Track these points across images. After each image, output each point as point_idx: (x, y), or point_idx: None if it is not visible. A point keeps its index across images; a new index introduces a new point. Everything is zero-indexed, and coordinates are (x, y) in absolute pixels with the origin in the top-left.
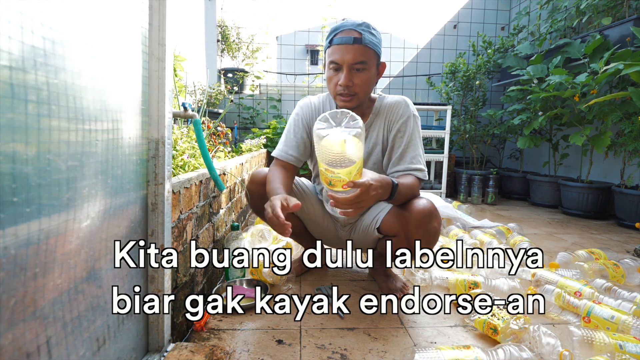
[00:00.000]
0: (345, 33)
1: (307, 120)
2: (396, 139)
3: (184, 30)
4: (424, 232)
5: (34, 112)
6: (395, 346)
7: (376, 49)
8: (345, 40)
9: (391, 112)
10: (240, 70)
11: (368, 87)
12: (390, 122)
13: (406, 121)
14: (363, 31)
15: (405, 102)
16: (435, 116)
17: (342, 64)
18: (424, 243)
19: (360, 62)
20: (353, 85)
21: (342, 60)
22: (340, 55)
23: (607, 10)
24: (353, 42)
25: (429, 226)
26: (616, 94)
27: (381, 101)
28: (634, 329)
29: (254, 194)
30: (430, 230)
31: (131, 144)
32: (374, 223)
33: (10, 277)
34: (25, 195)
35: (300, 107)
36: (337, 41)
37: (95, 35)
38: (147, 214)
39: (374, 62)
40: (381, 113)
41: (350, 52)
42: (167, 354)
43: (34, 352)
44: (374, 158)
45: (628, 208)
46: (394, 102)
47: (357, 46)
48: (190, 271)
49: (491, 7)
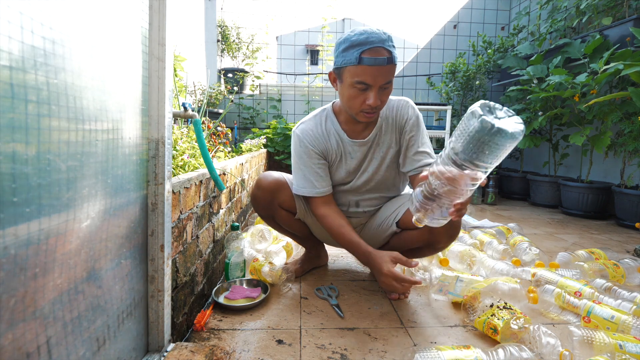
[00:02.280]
0: (375, 52)
1: (316, 147)
2: (411, 140)
3: (184, 30)
4: (449, 225)
5: (34, 112)
6: (395, 346)
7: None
8: (379, 62)
9: (398, 114)
10: (240, 70)
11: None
12: (399, 125)
13: (415, 121)
14: (391, 48)
15: (410, 104)
16: (435, 116)
17: (373, 85)
18: (447, 236)
19: (389, 82)
20: (382, 103)
21: (374, 82)
22: (373, 77)
23: (607, 10)
24: (387, 63)
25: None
26: (616, 94)
27: (386, 105)
28: (634, 329)
29: (260, 201)
30: (455, 223)
31: (131, 144)
32: (393, 217)
33: (10, 277)
34: (25, 195)
35: (302, 139)
36: (368, 62)
37: (95, 35)
38: (147, 214)
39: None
40: (388, 116)
41: (383, 73)
42: (167, 354)
43: (34, 352)
44: (388, 161)
45: (628, 208)
46: (398, 104)
47: (390, 67)
48: (190, 271)
49: (491, 7)
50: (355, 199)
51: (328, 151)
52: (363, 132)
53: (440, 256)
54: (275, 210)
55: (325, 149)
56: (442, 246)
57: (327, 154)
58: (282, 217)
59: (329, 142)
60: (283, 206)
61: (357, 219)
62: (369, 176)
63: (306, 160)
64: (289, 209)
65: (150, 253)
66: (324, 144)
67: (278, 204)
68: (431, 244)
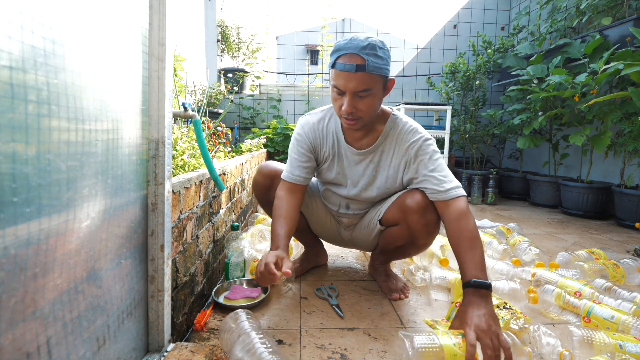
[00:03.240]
0: (347, 58)
1: (310, 139)
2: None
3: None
4: (425, 221)
5: (34, 112)
6: (395, 346)
7: (382, 72)
8: (347, 68)
9: (402, 139)
10: (240, 70)
11: (373, 110)
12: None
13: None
14: (367, 56)
15: (417, 130)
16: (435, 116)
17: (345, 90)
18: (425, 232)
19: (364, 90)
20: (357, 110)
21: (345, 87)
22: (343, 83)
23: (607, 10)
24: (356, 70)
25: (431, 216)
26: (616, 94)
27: (393, 122)
28: (634, 329)
29: (260, 186)
30: (431, 220)
31: (131, 144)
32: (377, 216)
33: (10, 277)
34: (25, 195)
35: (302, 126)
36: (339, 67)
37: (96, 35)
38: (147, 214)
39: (380, 85)
40: (391, 136)
41: (352, 80)
42: (167, 354)
43: (34, 352)
44: (379, 182)
45: (628, 208)
46: (408, 130)
47: (360, 74)
48: (190, 271)
49: (491, 7)
50: (345, 202)
51: (320, 148)
52: (361, 141)
53: (441, 256)
54: (273, 195)
55: (319, 145)
56: (422, 242)
57: (318, 151)
58: None
59: (324, 140)
60: None
61: (347, 219)
62: (361, 189)
63: (296, 147)
64: None
65: (150, 253)
66: (319, 140)
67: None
68: (412, 241)
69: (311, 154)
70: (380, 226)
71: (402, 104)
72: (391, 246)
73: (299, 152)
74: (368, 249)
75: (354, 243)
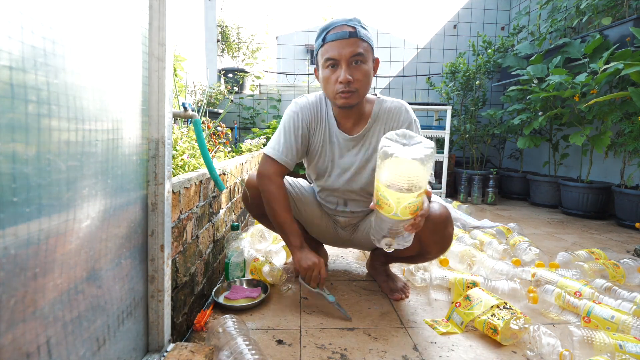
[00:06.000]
0: (338, 29)
1: (307, 120)
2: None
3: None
4: (439, 238)
5: (34, 112)
6: (395, 346)
7: (370, 42)
8: (340, 35)
9: (391, 118)
10: (240, 70)
11: (368, 82)
12: (391, 129)
13: (409, 127)
14: (356, 25)
15: (405, 107)
16: (435, 116)
17: (339, 59)
18: (438, 249)
19: (358, 54)
20: (354, 80)
21: (339, 55)
22: (337, 51)
23: (607, 10)
24: (349, 36)
25: (445, 232)
26: (616, 94)
27: (380, 104)
28: (634, 329)
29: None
30: (446, 236)
31: (131, 144)
32: None
33: (10, 277)
34: (25, 195)
35: (299, 105)
36: (331, 37)
37: (96, 35)
38: (147, 214)
39: (370, 55)
40: (380, 118)
41: (347, 46)
42: (167, 354)
43: (34, 352)
44: (373, 164)
45: (628, 208)
46: (395, 108)
47: (353, 39)
48: (190, 271)
49: (491, 7)
50: (343, 197)
51: (314, 132)
52: (353, 128)
53: (440, 257)
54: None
55: (313, 128)
56: (432, 257)
57: (313, 132)
58: None
59: (318, 124)
60: None
61: (344, 218)
62: (351, 176)
63: (290, 127)
64: None
65: (150, 253)
66: (315, 123)
67: None
68: (422, 254)
69: (307, 133)
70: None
71: None
72: (398, 255)
73: (294, 133)
74: (369, 249)
75: (354, 243)
